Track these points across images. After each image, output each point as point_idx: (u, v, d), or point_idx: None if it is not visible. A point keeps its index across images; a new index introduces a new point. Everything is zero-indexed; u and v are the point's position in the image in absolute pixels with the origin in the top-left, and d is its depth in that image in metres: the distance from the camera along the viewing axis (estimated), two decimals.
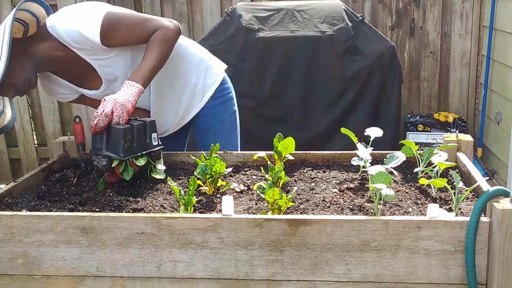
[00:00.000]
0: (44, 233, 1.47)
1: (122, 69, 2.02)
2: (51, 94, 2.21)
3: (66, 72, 2.06)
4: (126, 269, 1.48)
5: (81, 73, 2.03)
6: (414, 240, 1.38)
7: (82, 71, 2.02)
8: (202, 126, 2.29)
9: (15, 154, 4.80)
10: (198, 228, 1.42)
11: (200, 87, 2.22)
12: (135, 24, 1.96)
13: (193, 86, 2.19)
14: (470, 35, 4.46)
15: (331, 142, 3.76)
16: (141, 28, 1.96)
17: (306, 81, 3.76)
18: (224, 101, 2.31)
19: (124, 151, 1.76)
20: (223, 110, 2.31)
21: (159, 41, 1.94)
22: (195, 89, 2.21)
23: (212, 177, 1.75)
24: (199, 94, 2.23)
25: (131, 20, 1.97)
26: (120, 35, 1.92)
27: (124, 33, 1.93)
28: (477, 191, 1.61)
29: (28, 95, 4.70)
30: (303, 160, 1.99)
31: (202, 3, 4.53)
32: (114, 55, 1.97)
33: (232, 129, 2.37)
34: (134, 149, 1.80)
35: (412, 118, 4.48)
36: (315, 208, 1.58)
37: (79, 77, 2.06)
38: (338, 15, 3.80)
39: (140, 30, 1.95)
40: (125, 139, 1.77)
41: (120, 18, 1.93)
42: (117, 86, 2.04)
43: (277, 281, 1.44)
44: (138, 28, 1.95)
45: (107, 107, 1.78)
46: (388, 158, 1.76)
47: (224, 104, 2.31)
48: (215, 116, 2.28)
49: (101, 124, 1.77)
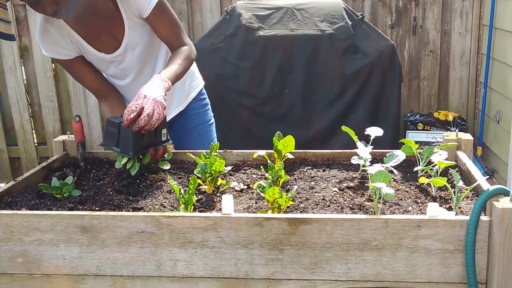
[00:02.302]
0: (44, 232, 1.47)
1: (145, 41, 2.07)
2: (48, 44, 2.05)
3: (87, 26, 2.00)
4: (126, 268, 1.48)
5: (101, 32, 2.02)
6: (414, 239, 1.38)
7: (104, 30, 2.01)
8: (187, 126, 2.32)
9: (15, 153, 4.81)
10: (198, 227, 1.42)
11: (187, 88, 2.30)
12: (177, 24, 2.08)
13: (182, 83, 2.22)
14: (470, 33, 4.46)
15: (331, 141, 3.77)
16: (178, 30, 2.08)
17: (306, 80, 3.76)
18: (206, 103, 2.41)
19: (135, 150, 1.77)
20: (205, 112, 2.40)
21: (191, 57, 2.06)
22: (183, 87, 2.27)
23: (212, 176, 1.75)
24: (185, 93, 2.30)
25: (176, 19, 2.09)
26: (163, 19, 2.01)
27: (167, 20, 2.03)
28: (477, 190, 1.61)
29: (28, 94, 4.71)
30: (303, 159, 1.99)
31: (202, 2, 4.52)
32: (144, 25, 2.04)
33: (214, 132, 2.44)
34: (144, 147, 1.81)
35: (412, 117, 4.48)
36: (315, 207, 1.58)
37: (95, 36, 2.03)
38: (338, 14, 3.80)
39: (177, 31, 2.07)
40: (136, 138, 1.76)
41: (171, 10, 2.06)
42: (131, 56, 2.07)
43: (277, 280, 1.44)
44: (177, 29, 2.07)
45: (149, 108, 1.73)
46: (388, 157, 1.76)
47: (206, 107, 2.41)
48: (199, 117, 2.36)
49: (143, 123, 1.72)
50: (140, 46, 2.08)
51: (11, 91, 4.64)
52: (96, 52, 2.06)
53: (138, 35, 2.05)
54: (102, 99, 2.18)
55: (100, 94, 2.18)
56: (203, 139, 2.34)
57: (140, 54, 2.10)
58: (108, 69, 2.14)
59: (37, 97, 4.70)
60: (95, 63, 2.13)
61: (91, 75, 2.14)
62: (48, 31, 2.01)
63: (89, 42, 2.04)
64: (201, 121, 2.37)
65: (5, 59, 4.56)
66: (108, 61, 2.09)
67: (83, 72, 2.12)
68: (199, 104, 2.36)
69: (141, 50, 2.09)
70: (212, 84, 3.71)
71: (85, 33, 2.03)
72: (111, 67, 2.13)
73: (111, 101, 2.15)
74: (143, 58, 2.13)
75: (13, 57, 4.56)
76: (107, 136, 1.83)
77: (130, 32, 2.02)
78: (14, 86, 4.63)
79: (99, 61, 2.11)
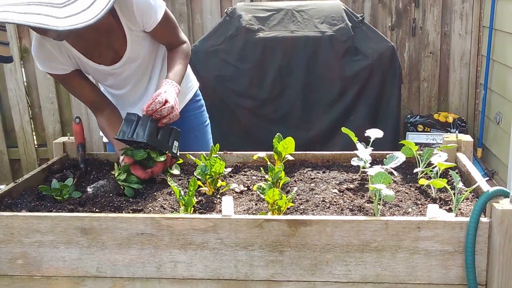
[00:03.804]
0: (44, 234, 1.47)
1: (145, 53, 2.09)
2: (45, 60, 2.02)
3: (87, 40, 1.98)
4: (126, 270, 1.48)
5: (101, 46, 2.00)
6: (414, 241, 1.38)
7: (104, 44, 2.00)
8: (184, 128, 2.30)
9: (15, 155, 4.81)
10: (198, 229, 1.42)
11: (183, 89, 2.29)
12: (176, 26, 2.11)
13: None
14: (470, 35, 4.46)
15: (331, 142, 3.77)
16: (177, 32, 2.12)
17: (306, 82, 3.76)
18: (201, 105, 2.42)
19: (149, 137, 1.78)
20: (201, 114, 2.41)
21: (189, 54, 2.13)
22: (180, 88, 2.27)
23: (212, 177, 1.75)
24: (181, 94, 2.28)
25: (175, 22, 2.11)
26: (166, 28, 2.03)
27: (169, 28, 2.06)
28: (477, 192, 1.61)
29: (28, 95, 4.71)
30: (303, 161, 1.99)
31: (202, 4, 4.53)
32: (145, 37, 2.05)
33: (210, 133, 2.46)
34: (156, 141, 1.82)
35: (412, 118, 4.48)
36: (315, 208, 1.58)
37: (95, 50, 2.01)
38: (338, 15, 3.81)
39: (176, 33, 2.11)
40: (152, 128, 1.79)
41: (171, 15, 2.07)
42: (130, 68, 2.08)
43: (277, 281, 1.44)
44: (176, 31, 2.11)
45: (171, 101, 1.83)
46: (388, 159, 1.76)
47: (201, 108, 2.42)
48: (195, 118, 2.37)
49: (165, 112, 1.81)
50: (141, 57, 2.08)
51: (11, 93, 4.64)
52: (95, 65, 2.04)
53: (139, 48, 2.05)
54: (98, 112, 2.12)
55: (96, 107, 2.12)
56: (199, 141, 2.36)
57: (139, 65, 2.09)
58: (106, 80, 2.14)
59: (37, 98, 4.71)
60: (92, 74, 2.12)
61: (87, 89, 2.09)
62: (44, 47, 1.97)
63: (88, 56, 2.01)
64: (198, 123, 2.38)
65: None
66: (108, 73, 2.08)
67: (79, 86, 2.08)
68: (195, 105, 2.37)
69: (140, 62, 2.09)
70: (212, 86, 3.73)
71: (84, 48, 2.00)
72: (109, 78, 2.12)
73: (108, 115, 2.10)
74: (142, 69, 2.13)
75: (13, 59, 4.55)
76: (123, 127, 1.82)
77: (132, 45, 2.02)
78: (14, 88, 4.64)
79: (98, 73, 2.09)
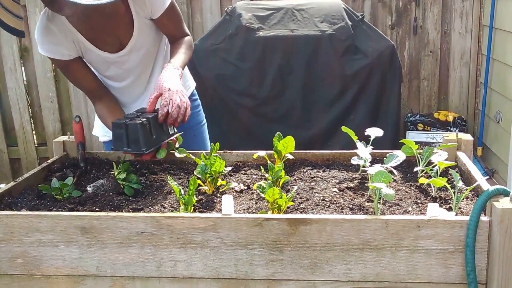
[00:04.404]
0: (44, 233, 1.47)
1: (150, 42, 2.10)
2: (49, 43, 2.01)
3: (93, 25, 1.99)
4: (126, 269, 1.48)
5: (106, 32, 2.01)
6: (414, 240, 1.38)
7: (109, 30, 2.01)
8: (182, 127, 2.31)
9: (15, 154, 4.81)
10: (198, 228, 1.42)
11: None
12: (181, 18, 2.16)
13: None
14: (470, 34, 4.46)
15: (331, 141, 3.76)
16: (182, 24, 2.16)
17: (306, 80, 3.76)
18: (198, 104, 2.43)
19: (147, 145, 1.78)
20: (198, 113, 2.42)
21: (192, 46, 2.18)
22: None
23: (212, 176, 1.75)
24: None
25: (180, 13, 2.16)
26: (172, 17, 2.07)
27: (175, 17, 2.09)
28: (477, 191, 1.61)
29: (28, 94, 4.71)
30: (303, 160, 1.99)
31: (202, 2, 4.52)
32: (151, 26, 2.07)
33: (207, 132, 2.46)
34: (154, 141, 1.82)
35: (412, 117, 4.48)
36: (315, 207, 1.58)
37: (100, 35, 2.02)
38: (338, 14, 3.80)
39: (181, 25, 2.15)
40: (144, 133, 1.77)
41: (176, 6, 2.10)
42: (134, 57, 2.09)
43: (277, 280, 1.44)
44: (181, 23, 2.15)
45: (177, 99, 1.83)
46: (388, 157, 1.76)
47: (198, 108, 2.43)
48: (193, 118, 2.35)
49: (176, 115, 1.83)
50: (145, 47, 2.09)
51: (11, 92, 4.64)
52: (99, 51, 2.04)
53: (145, 36, 2.06)
54: (97, 99, 2.14)
55: (96, 95, 2.15)
56: (197, 140, 2.36)
57: (143, 55, 2.11)
58: (108, 70, 2.13)
59: (37, 97, 4.71)
60: (95, 64, 2.12)
61: (87, 76, 2.11)
62: (50, 30, 1.99)
63: (93, 42, 2.03)
64: (195, 122, 2.38)
65: (5, 59, 4.57)
66: (111, 61, 2.09)
67: (80, 73, 2.10)
68: (192, 105, 2.34)
69: (145, 52, 2.10)
70: (212, 85, 3.73)
71: (89, 33, 2.01)
72: (112, 68, 2.12)
73: (107, 101, 2.14)
74: (145, 60, 2.14)
75: (13, 58, 4.56)
76: (116, 140, 1.82)
77: (139, 33, 2.03)
78: (14, 87, 4.63)
79: (101, 61, 2.10)
